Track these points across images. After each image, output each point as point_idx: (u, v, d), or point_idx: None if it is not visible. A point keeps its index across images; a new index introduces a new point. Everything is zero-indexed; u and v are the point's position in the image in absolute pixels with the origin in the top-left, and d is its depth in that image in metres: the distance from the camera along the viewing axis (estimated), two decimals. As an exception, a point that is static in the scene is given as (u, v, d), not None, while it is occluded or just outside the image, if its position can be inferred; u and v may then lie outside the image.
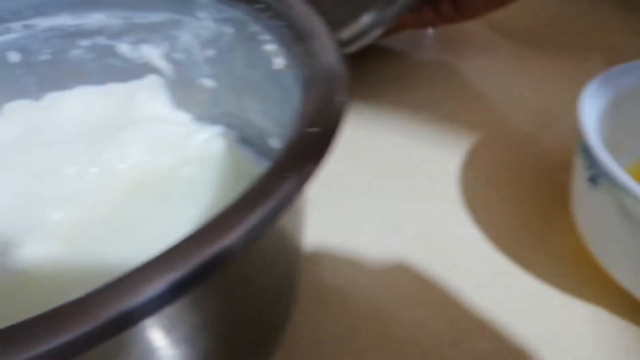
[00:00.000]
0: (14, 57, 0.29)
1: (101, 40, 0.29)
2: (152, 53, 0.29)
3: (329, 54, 0.19)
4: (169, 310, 0.14)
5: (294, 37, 0.21)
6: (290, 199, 0.14)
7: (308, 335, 0.24)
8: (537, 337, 0.24)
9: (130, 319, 0.12)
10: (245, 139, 0.30)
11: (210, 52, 0.28)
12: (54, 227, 0.26)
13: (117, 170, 0.29)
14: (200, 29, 0.27)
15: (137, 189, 0.28)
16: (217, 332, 0.19)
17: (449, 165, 0.32)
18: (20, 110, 0.30)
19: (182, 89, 0.31)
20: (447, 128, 0.35)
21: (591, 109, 0.23)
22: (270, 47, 0.23)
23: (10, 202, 0.27)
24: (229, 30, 0.26)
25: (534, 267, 0.26)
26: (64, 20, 0.28)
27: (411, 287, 0.26)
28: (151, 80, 0.30)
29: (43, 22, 0.28)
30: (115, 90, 0.31)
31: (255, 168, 0.29)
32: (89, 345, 0.12)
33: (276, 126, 0.27)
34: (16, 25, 0.28)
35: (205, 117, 0.31)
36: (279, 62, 0.23)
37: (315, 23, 0.21)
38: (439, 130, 0.35)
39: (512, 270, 0.26)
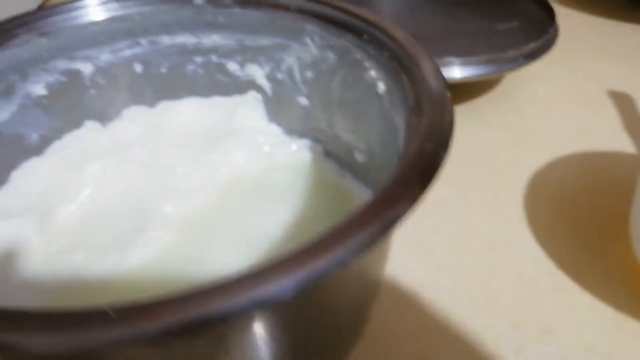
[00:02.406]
0: (138, 68, 0.33)
1: (214, 58, 0.33)
2: (257, 72, 0.33)
3: (434, 80, 0.22)
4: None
5: (398, 65, 0.25)
6: (412, 208, 0.17)
7: (385, 330, 0.27)
8: (593, 347, 0.26)
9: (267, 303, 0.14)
10: (330, 152, 0.34)
11: (309, 74, 0.32)
12: (166, 218, 0.30)
13: (220, 172, 0.33)
14: (304, 53, 0.31)
15: (236, 189, 0.32)
16: (317, 325, 0.22)
17: (514, 187, 0.35)
18: (137, 114, 0.35)
19: (277, 105, 0.34)
20: (513, 152, 0.38)
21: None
22: (372, 73, 0.27)
23: (130, 193, 0.32)
24: (331, 56, 0.30)
25: (593, 286, 0.29)
26: (185, 39, 0.33)
27: (479, 294, 0.28)
28: (252, 95, 0.34)
29: (167, 40, 0.33)
30: (219, 103, 0.35)
31: (339, 179, 0.33)
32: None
33: (363, 142, 0.31)
34: (144, 40, 0.32)
35: (295, 130, 0.35)
36: (380, 86, 0.26)
37: (419, 52, 0.24)
38: (505, 153, 0.38)
39: (571, 287, 0.29)
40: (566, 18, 0.44)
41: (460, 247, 0.31)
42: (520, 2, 0.46)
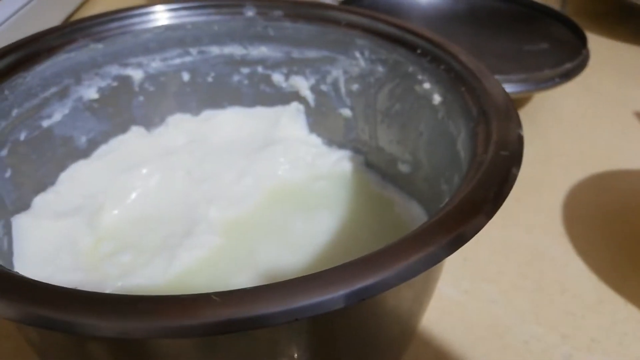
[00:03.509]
0: (185, 76, 0.34)
1: (260, 69, 0.34)
2: (302, 84, 0.34)
3: (497, 91, 0.23)
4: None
5: (455, 78, 0.25)
6: (495, 211, 0.18)
7: (432, 339, 0.27)
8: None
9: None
10: (371, 163, 0.34)
11: (354, 87, 0.33)
12: (212, 223, 0.30)
13: (264, 180, 0.33)
14: (352, 66, 0.32)
15: (280, 197, 0.33)
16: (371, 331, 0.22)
17: (551, 202, 0.36)
18: (182, 122, 0.35)
19: (319, 116, 0.35)
20: (545, 169, 0.39)
21: None
22: (426, 85, 0.27)
23: (177, 198, 0.32)
24: (380, 69, 0.30)
25: (636, 298, 0.29)
26: (234, 49, 0.33)
27: (525, 305, 0.29)
28: (294, 106, 0.35)
29: (216, 50, 0.33)
30: (262, 113, 0.35)
31: (381, 189, 0.33)
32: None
33: (408, 154, 0.31)
34: (194, 50, 0.33)
35: (335, 141, 0.35)
36: (436, 98, 0.27)
37: (477, 65, 0.25)
38: (538, 170, 0.39)
39: (616, 299, 0.29)
40: (591, 42, 0.45)
41: (502, 259, 0.32)
42: (549, 25, 0.47)
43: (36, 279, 0.27)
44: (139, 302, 0.14)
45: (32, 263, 0.27)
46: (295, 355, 0.19)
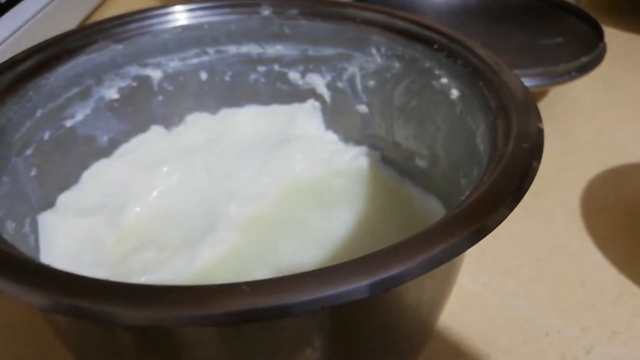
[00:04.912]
0: (203, 75, 0.34)
1: (276, 67, 0.34)
2: (318, 81, 0.34)
3: (516, 85, 0.23)
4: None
5: (474, 72, 0.26)
6: (517, 204, 0.18)
7: (454, 333, 0.28)
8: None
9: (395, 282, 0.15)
10: (388, 159, 0.35)
11: (371, 83, 0.33)
12: (233, 220, 0.31)
13: (282, 177, 0.33)
14: (368, 63, 0.32)
15: (298, 193, 0.33)
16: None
17: (569, 196, 0.36)
18: (200, 121, 0.36)
19: (335, 113, 0.35)
20: (563, 162, 0.39)
21: None
22: (444, 80, 0.28)
23: (197, 196, 0.32)
24: (396, 65, 0.31)
25: (658, 292, 0.29)
26: (250, 48, 0.34)
27: (545, 298, 0.29)
28: (310, 103, 0.35)
29: (233, 49, 0.34)
30: (279, 111, 0.36)
31: (399, 184, 0.33)
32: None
33: (425, 149, 0.32)
34: (211, 49, 0.34)
35: (351, 138, 0.36)
36: (454, 93, 0.27)
37: (495, 60, 0.25)
38: (556, 163, 0.39)
39: (636, 292, 0.29)
40: (606, 35, 0.45)
41: (521, 253, 0.32)
42: (564, 19, 0.47)
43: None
44: (169, 292, 0.14)
45: (57, 259, 0.28)
46: (318, 345, 0.19)
